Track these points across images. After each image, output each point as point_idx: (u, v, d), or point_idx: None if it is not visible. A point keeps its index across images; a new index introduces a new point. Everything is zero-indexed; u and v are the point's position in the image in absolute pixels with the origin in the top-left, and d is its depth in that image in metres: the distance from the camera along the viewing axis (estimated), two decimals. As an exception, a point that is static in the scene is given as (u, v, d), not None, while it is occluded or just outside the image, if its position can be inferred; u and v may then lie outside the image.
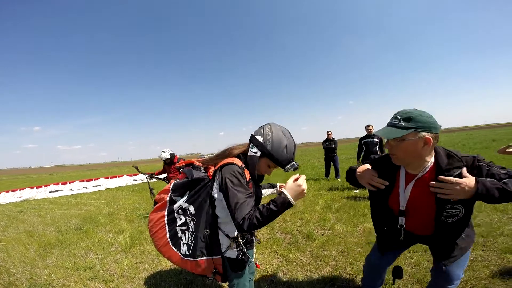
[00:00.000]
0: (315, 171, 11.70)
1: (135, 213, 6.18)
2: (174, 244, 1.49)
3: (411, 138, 1.30)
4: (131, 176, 14.97)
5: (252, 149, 1.43)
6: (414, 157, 1.37)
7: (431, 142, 1.31)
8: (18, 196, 11.10)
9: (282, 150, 1.39)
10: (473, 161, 1.35)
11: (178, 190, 1.49)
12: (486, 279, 2.29)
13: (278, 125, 1.48)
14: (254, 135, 1.45)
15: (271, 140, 1.39)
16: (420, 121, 1.30)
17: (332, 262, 2.90)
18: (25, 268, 3.46)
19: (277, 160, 1.40)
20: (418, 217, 1.53)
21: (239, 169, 1.35)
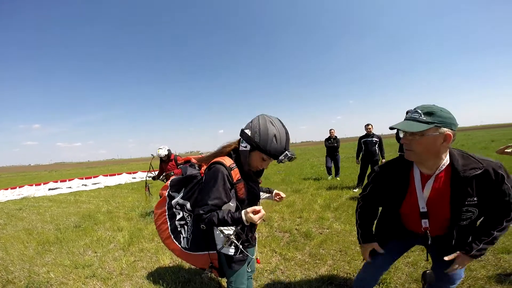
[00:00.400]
0: (314, 169, 11.70)
1: (134, 211, 6.18)
2: (175, 238, 1.55)
3: (432, 134, 1.27)
4: (131, 174, 14.98)
5: (242, 144, 1.41)
6: (431, 154, 1.34)
7: (451, 138, 1.28)
8: (17, 194, 11.09)
9: (272, 141, 1.35)
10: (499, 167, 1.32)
11: (175, 186, 1.55)
12: (482, 279, 2.30)
13: (268, 115, 1.44)
14: (243, 129, 1.43)
15: (259, 132, 1.36)
16: (441, 116, 1.27)
17: (330, 261, 2.90)
18: (23, 266, 3.46)
19: (268, 152, 1.36)
20: (435, 219, 1.50)
21: (225, 170, 1.35)
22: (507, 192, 1.31)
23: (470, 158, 1.35)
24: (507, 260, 2.55)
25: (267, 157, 1.40)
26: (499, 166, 1.32)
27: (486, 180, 1.31)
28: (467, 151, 1.41)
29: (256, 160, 1.43)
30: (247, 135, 1.39)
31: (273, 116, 1.45)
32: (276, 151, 1.37)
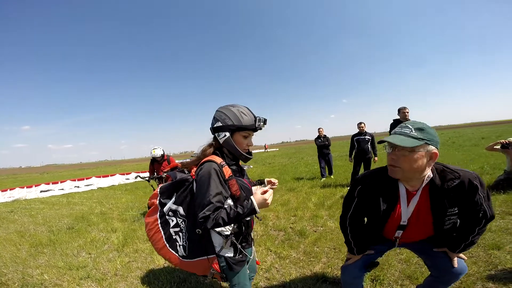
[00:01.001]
0: (308, 168, 11.78)
1: (128, 212, 6.15)
2: (171, 246, 1.50)
3: (421, 150, 1.29)
4: (124, 175, 14.84)
5: (220, 136, 1.47)
6: (417, 171, 1.35)
7: (437, 157, 1.32)
8: (8, 196, 10.89)
9: (242, 116, 1.43)
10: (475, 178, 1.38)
11: (165, 192, 1.52)
12: (474, 275, 2.33)
13: (222, 106, 1.53)
14: (213, 126, 1.50)
15: (227, 116, 1.44)
16: (430, 134, 1.30)
17: (325, 258, 2.94)
18: (16, 268, 3.42)
19: (246, 126, 1.43)
20: (415, 229, 1.57)
21: (217, 167, 1.37)
22: (479, 202, 1.40)
23: (445, 170, 1.41)
24: (498, 256, 2.59)
25: (247, 132, 1.47)
26: (475, 177, 1.38)
27: (462, 190, 1.38)
28: (440, 163, 1.46)
29: (240, 141, 1.48)
30: (220, 126, 1.45)
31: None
32: (250, 121, 1.45)
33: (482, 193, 1.39)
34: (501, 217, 3.50)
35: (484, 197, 1.40)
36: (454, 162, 8.62)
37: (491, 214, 1.44)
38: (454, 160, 9.02)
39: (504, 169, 4.81)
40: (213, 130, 1.50)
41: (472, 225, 1.49)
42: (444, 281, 1.72)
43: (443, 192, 1.39)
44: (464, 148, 13.26)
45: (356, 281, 1.88)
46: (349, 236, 1.75)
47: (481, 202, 1.40)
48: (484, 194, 1.40)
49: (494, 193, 4.46)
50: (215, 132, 1.49)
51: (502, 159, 6.79)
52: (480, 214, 1.43)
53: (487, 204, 1.42)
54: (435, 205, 1.43)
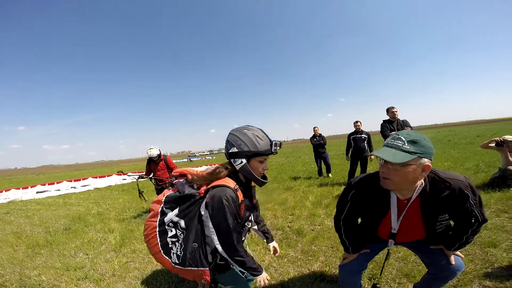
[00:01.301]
0: (305, 167, 11.80)
1: (125, 213, 6.12)
2: (166, 253, 1.51)
3: (413, 164, 1.26)
4: (121, 176, 14.77)
5: (237, 162, 1.47)
6: (409, 183, 1.35)
7: (429, 169, 1.30)
8: (4, 198, 10.80)
9: (257, 141, 1.44)
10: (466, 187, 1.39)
11: (169, 203, 1.52)
12: (471, 273, 2.35)
13: (236, 128, 1.54)
14: (228, 152, 1.50)
15: (243, 141, 1.44)
16: (424, 146, 1.26)
17: (322, 257, 2.96)
18: (14, 269, 3.40)
19: (261, 152, 1.44)
20: (407, 235, 1.63)
21: (232, 193, 1.40)
22: (469, 209, 1.42)
23: (436, 179, 1.40)
24: (494, 254, 2.61)
25: (263, 158, 1.48)
26: (466, 185, 1.38)
27: (452, 199, 1.39)
28: (434, 169, 1.43)
29: (257, 166, 1.49)
30: (236, 152, 1.46)
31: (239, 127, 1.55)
32: (266, 146, 1.46)
33: (474, 201, 1.39)
34: (496, 215, 3.54)
35: (476, 204, 1.41)
36: (449, 160, 8.69)
37: (483, 219, 1.46)
38: (449, 158, 9.09)
39: (499, 167, 4.85)
40: (228, 155, 1.50)
41: (465, 227, 1.52)
42: (442, 278, 1.74)
43: (434, 201, 1.41)
44: (460, 146, 13.37)
45: (353, 280, 1.89)
46: (343, 236, 1.77)
47: (472, 209, 1.41)
48: (475, 201, 1.41)
49: (489, 190, 4.51)
50: (230, 158, 1.49)
51: (497, 157, 6.87)
52: (472, 219, 1.45)
53: (478, 210, 1.44)
54: (425, 213, 1.46)
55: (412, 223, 1.53)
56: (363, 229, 1.77)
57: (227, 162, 1.54)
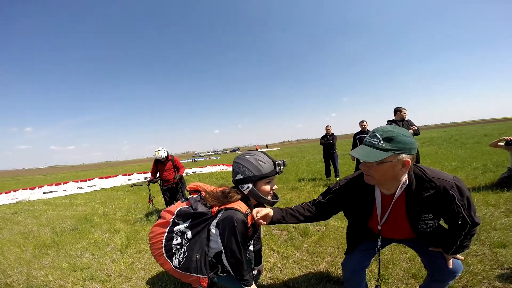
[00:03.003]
0: (310, 167, 11.76)
1: (131, 213, 6.16)
2: (168, 257, 1.61)
3: (390, 161, 1.26)
4: (126, 176, 14.88)
5: (244, 188, 1.56)
6: (390, 179, 1.35)
7: (409, 164, 1.29)
8: (12, 198, 10.96)
9: (260, 165, 1.53)
10: (452, 187, 1.35)
11: (182, 216, 1.62)
12: (480, 274, 2.31)
13: (238, 156, 1.64)
14: (234, 179, 1.61)
15: (247, 167, 1.53)
16: (401, 142, 1.24)
17: (328, 257, 2.93)
18: (21, 269, 3.44)
19: (266, 175, 1.54)
20: (394, 232, 1.64)
21: (243, 217, 1.48)
22: (456, 210, 1.37)
23: (423, 178, 1.38)
24: (504, 254, 2.56)
25: (269, 179, 1.58)
26: (452, 186, 1.34)
27: (437, 199, 1.37)
28: (422, 167, 1.43)
29: (264, 189, 1.58)
30: (241, 179, 1.55)
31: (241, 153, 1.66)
32: (270, 168, 1.56)
33: (461, 202, 1.35)
34: (505, 215, 3.48)
35: (463, 206, 1.36)
36: (457, 160, 8.58)
37: (472, 221, 1.39)
38: (457, 158, 8.98)
39: (507, 166, 4.78)
40: (235, 182, 1.60)
41: (456, 231, 1.47)
42: (440, 280, 1.71)
43: (418, 199, 1.39)
44: (467, 146, 13.20)
45: (357, 277, 1.88)
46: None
47: (459, 211, 1.36)
48: (463, 202, 1.36)
49: (498, 191, 4.44)
50: (238, 185, 1.59)
51: (505, 157, 6.76)
52: (459, 221, 1.39)
53: (467, 212, 1.38)
54: (410, 211, 1.45)
55: (398, 220, 1.52)
56: (353, 226, 1.80)
57: (235, 191, 1.60)
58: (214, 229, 1.52)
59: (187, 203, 1.67)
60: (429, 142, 19.23)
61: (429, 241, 1.63)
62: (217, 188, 1.66)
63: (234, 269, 1.52)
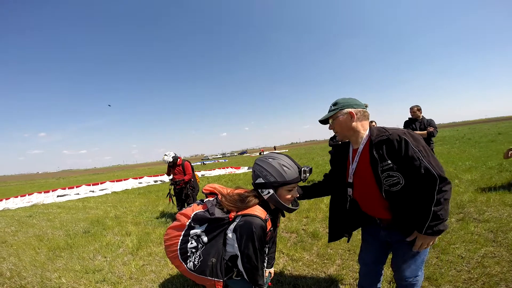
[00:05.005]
0: (319, 169, 11.65)
1: (142, 216, 6.23)
2: (183, 259, 1.57)
3: (339, 116, 1.63)
4: (137, 179, 15.09)
5: (264, 193, 1.49)
6: (348, 131, 1.64)
7: (354, 115, 1.59)
8: (27, 201, 11.26)
9: (284, 170, 1.45)
10: (404, 133, 1.48)
11: (198, 220, 1.58)
12: (497, 276, 2.26)
13: (261, 156, 1.58)
14: (254, 182, 1.53)
15: (269, 172, 1.46)
16: (341, 102, 1.64)
17: (339, 260, 2.90)
18: (35, 271, 3.52)
19: (289, 182, 1.45)
20: (362, 188, 1.68)
21: (262, 223, 1.43)
22: (415, 156, 1.41)
23: (382, 129, 1.57)
24: (521, 256, 2.49)
25: (291, 186, 1.50)
26: (404, 132, 1.49)
27: (392, 146, 1.47)
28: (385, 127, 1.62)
29: (285, 195, 1.51)
30: (262, 183, 1.48)
31: (266, 154, 1.59)
32: (294, 175, 1.47)
33: (417, 147, 1.42)
34: (523, 216, 3.37)
35: (421, 152, 1.41)
36: (471, 159, 8.37)
37: (437, 173, 1.37)
38: (470, 157, 8.75)
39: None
40: (255, 186, 1.53)
41: (425, 190, 1.41)
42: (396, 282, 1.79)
43: (375, 145, 1.54)
44: (481, 145, 12.84)
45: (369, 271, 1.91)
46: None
47: (417, 157, 1.40)
48: (419, 148, 1.42)
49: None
50: (257, 188, 1.52)
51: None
52: (422, 170, 1.39)
53: (427, 160, 1.39)
54: (371, 158, 1.57)
55: (364, 173, 1.63)
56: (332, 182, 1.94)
57: (255, 191, 1.56)
58: (231, 234, 1.48)
59: (203, 207, 1.63)
60: (441, 141, 18.82)
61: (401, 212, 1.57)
62: (234, 191, 1.62)
63: (249, 274, 1.49)
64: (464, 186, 5.13)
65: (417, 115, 5.04)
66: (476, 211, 3.71)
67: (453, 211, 3.85)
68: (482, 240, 2.89)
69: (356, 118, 1.61)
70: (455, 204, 4.11)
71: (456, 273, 2.40)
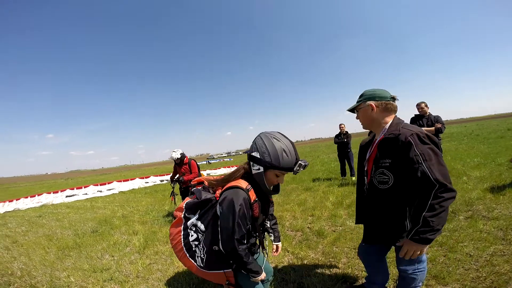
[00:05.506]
0: (325, 167, 11.59)
1: (148, 215, 6.30)
2: (191, 256, 1.57)
3: (362, 107, 1.70)
4: (143, 179, 15.24)
5: (254, 167, 1.45)
6: (369, 122, 1.71)
7: (374, 107, 1.64)
8: (36, 202, 11.46)
9: (282, 156, 1.38)
10: (412, 134, 1.44)
11: (190, 209, 1.59)
12: (506, 274, 2.22)
13: (268, 132, 1.49)
14: (250, 153, 1.48)
15: (268, 151, 1.39)
16: (366, 94, 1.69)
17: (344, 258, 2.88)
18: (45, 270, 3.58)
19: (282, 168, 1.39)
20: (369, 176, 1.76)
21: (244, 193, 1.40)
22: (414, 159, 1.38)
23: (397, 126, 1.56)
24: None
25: (281, 172, 1.44)
26: (412, 133, 1.44)
27: (397, 145, 1.47)
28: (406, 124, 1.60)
29: (272, 178, 1.47)
30: (256, 158, 1.43)
31: (274, 131, 1.50)
32: (289, 164, 1.39)
33: (419, 151, 1.38)
34: (533, 213, 3.30)
35: (423, 155, 1.37)
36: (479, 156, 8.23)
37: (434, 177, 1.31)
38: (479, 154, 8.60)
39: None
40: (249, 157, 1.49)
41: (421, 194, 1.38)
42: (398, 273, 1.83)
43: (383, 141, 1.58)
44: (490, 141, 12.62)
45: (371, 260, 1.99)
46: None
47: (417, 160, 1.37)
48: (422, 152, 1.38)
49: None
50: (250, 160, 1.48)
51: (532, 151, 6.41)
52: (418, 173, 1.36)
53: (427, 164, 1.34)
54: (377, 152, 1.64)
55: (370, 164, 1.73)
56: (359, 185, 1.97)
57: (246, 162, 1.53)
58: (219, 211, 1.45)
59: (193, 196, 1.63)
60: (448, 137, 18.56)
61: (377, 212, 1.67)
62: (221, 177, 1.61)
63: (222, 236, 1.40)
64: (473, 183, 5.05)
65: (425, 111, 4.96)
66: (485, 209, 3.65)
67: (461, 208, 3.80)
68: (491, 238, 2.84)
69: (377, 110, 1.65)
70: (463, 201, 4.05)
71: (464, 271, 2.36)
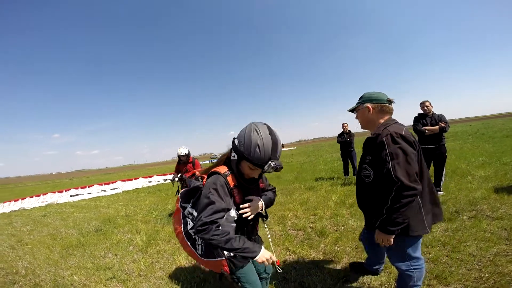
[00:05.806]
0: (328, 166, 11.55)
1: (151, 214, 6.33)
2: (192, 245, 1.61)
3: (360, 109, 1.82)
4: (147, 178, 15.33)
5: (232, 154, 1.45)
6: (366, 122, 1.81)
7: (371, 109, 1.75)
8: (42, 201, 11.59)
9: (255, 150, 1.32)
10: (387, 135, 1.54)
11: (184, 197, 1.66)
12: (509, 275, 2.19)
13: (256, 123, 1.41)
14: (234, 138, 1.45)
15: (245, 141, 1.35)
16: (364, 96, 1.81)
17: (346, 258, 2.87)
18: (49, 269, 3.62)
19: (251, 161, 1.34)
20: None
21: (221, 179, 1.41)
22: (384, 158, 1.51)
23: (382, 126, 1.66)
24: (536, 254, 2.42)
25: (253, 166, 1.37)
26: (387, 134, 1.54)
27: (375, 144, 1.60)
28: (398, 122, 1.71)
29: (246, 169, 1.43)
30: (235, 144, 1.43)
31: (261, 123, 1.43)
32: (259, 160, 1.33)
33: (389, 150, 1.50)
34: (538, 213, 3.26)
35: (391, 154, 1.49)
36: (484, 155, 8.15)
37: (395, 175, 1.45)
38: (484, 153, 8.52)
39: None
40: (232, 142, 1.47)
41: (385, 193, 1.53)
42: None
43: (367, 140, 1.74)
44: (495, 140, 12.49)
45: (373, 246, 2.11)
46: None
47: (386, 159, 1.49)
48: (391, 151, 1.49)
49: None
50: (232, 146, 1.47)
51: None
52: (385, 170, 1.50)
53: (393, 163, 1.47)
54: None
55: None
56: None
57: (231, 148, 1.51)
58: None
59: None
60: (453, 136, 18.39)
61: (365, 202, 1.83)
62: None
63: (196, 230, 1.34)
64: (477, 183, 5.00)
65: (429, 109, 4.91)
66: (489, 208, 3.62)
67: (465, 208, 3.76)
68: (495, 238, 2.81)
69: (373, 112, 1.75)
70: (467, 201, 4.01)
71: (466, 271, 2.34)
